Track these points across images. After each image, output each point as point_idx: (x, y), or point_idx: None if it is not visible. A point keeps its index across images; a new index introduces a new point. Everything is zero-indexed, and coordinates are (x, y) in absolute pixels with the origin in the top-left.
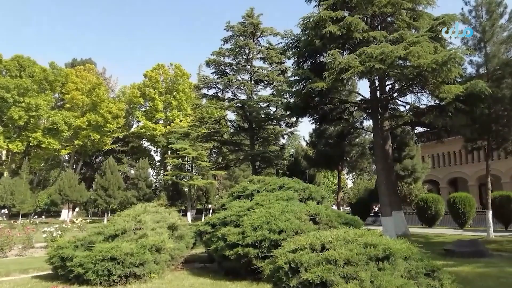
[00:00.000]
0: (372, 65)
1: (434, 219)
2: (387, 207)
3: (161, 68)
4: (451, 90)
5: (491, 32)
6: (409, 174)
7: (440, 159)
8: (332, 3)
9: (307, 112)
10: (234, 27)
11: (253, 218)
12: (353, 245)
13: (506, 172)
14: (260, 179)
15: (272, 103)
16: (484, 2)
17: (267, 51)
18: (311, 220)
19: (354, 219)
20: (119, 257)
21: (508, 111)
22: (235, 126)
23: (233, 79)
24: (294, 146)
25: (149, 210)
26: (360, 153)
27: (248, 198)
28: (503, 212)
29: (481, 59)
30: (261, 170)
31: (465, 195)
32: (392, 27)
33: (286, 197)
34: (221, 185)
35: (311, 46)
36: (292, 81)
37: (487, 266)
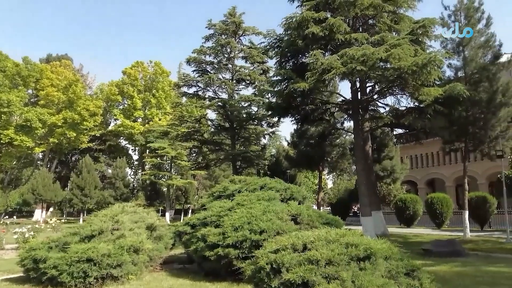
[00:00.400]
0: (353, 66)
1: (412, 219)
2: (367, 207)
3: (140, 66)
4: (430, 93)
5: (470, 37)
6: (388, 175)
7: (419, 160)
8: (315, 4)
9: (289, 112)
10: (216, 25)
11: (234, 219)
12: (334, 245)
13: (482, 174)
14: (241, 179)
15: (253, 102)
16: (463, 8)
17: (249, 50)
18: (292, 220)
19: (335, 219)
20: (95, 258)
21: (485, 114)
22: (215, 126)
23: (214, 78)
24: (275, 146)
25: (127, 210)
26: (341, 154)
27: (229, 198)
28: (479, 212)
29: (460, 62)
30: (241, 170)
31: (443, 196)
32: (373, 30)
33: (268, 197)
34: (200, 185)
35: (293, 47)
36: (274, 81)
37: (464, 265)
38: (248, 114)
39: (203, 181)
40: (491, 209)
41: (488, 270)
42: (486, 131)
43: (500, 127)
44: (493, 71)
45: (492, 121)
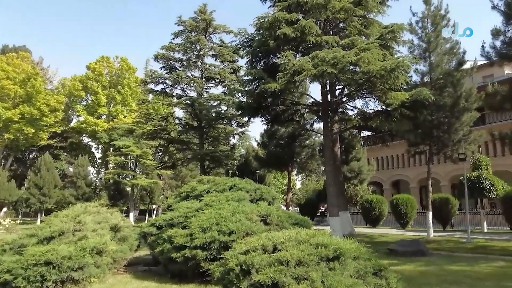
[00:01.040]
0: (324, 69)
1: (378, 220)
2: (335, 207)
3: (105, 61)
4: (397, 97)
5: (436, 43)
6: (355, 176)
7: (384, 162)
8: (287, 5)
9: (260, 112)
10: (186, 22)
11: (202, 220)
12: (304, 245)
13: (445, 176)
14: (210, 179)
15: (223, 101)
16: (430, 15)
17: (219, 48)
18: (262, 221)
19: (304, 220)
20: (55, 261)
21: (449, 118)
22: (183, 124)
23: (183, 75)
24: (244, 146)
25: (90, 211)
26: (310, 155)
27: (197, 198)
28: (442, 213)
29: (426, 68)
30: (209, 170)
31: (407, 197)
32: (344, 33)
33: (237, 197)
34: (166, 185)
35: (265, 47)
36: (245, 81)
37: (428, 264)
38: (217, 113)
39: (169, 181)
40: (453, 210)
41: (451, 269)
42: (450, 134)
43: (463, 131)
44: (457, 77)
45: (456, 125)
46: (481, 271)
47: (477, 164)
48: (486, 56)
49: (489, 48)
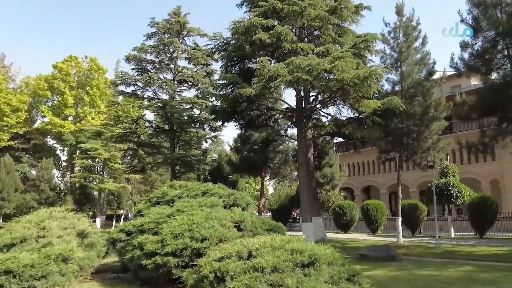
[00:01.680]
0: (299, 75)
1: (349, 225)
2: (308, 213)
3: (73, 60)
4: (369, 104)
5: (407, 53)
6: (327, 182)
7: (356, 168)
8: (263, 11)
9: (234, 117)
10: (159, 24)
11: (174, 226)
12: (280, 251)
13: (414, 182)
14: (181, 184)
15: (196, 105)
16: (401, 25)
17: (193, 51)
18: (235, 227)
19: (278, 226)
20: (15, 270)
21: (418, 127)
22: (154, 127)
23: (155, 77)
24: (217, 151)
25: (55, 216)
26: (283, 160)
27: (169, 204)
28: (411, 219)
29: (397, 77)
30: (180, 175)
31: (377, 203)
32: (319, 41)
33: (210, 203)
34: (135, 189)
35: (240, 51)
36: (219, 85)
37: (398, 269)
38: (189, 117)
39: (138, 185)
40: (422, 216)
41: (420, 274)
42: (419, 142)
43: (432, 139)
44: (427, 87)
45: (425, 134)
46: (449, 275)
47: (445, 171)
48: (455, 68)
49: (458, 59)
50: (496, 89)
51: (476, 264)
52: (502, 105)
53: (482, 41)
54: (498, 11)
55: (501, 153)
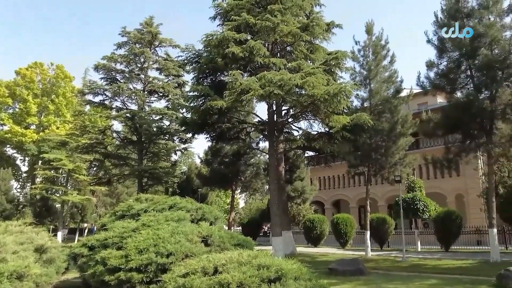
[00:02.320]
0: (271, 90)
1: (319, 239)
2: (278, 227)
3: (39, 67)
4: (339, 120)
5: (376, 71)
6: (298, 195)
7: (327, 182)
8: (236, 25)
9: (204, 129)
10: (131, 33)
11: (139, 240)
12: (246, 267)
13: (382, 196)
14: (148, 198)
15: (166, 116)
16: (371, 44)
17: (164, 62)
18: (203, 242)
19: (247, 240)
20: None
21: (386, 142)
22: (122, 138)
23: (124, 87)
24: (187, 163)
25: (11, 230)
26: (255, 173)
27: (134, 218)
28: (379, 232)
29: (366, 94)
30: (148, 188)
31: (347, 216)
32: (291, 56)
33: (177, 217)
34: (100, 202)
35: (212, 64)
36: (190, 96)
37: (366, 283)
38: (159, 128)
39: (104, 198)
40: (390, 229)
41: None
42: (387, 157)
43: (399, 155)
44: (394, 104)
45: (392, 149)
46: None
47: (411, 186)
48: (421, 86)
49: (424, 78)
50: (460, 107)
51: (441, 278)
52: (466, 123)
53: (447, 61)
54: None
55: (465, 169)
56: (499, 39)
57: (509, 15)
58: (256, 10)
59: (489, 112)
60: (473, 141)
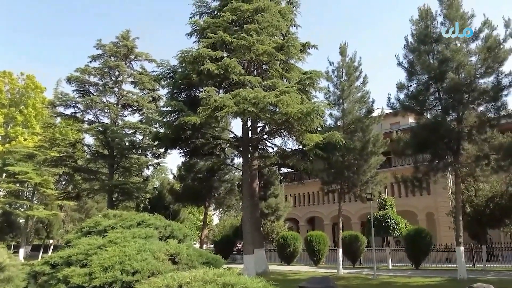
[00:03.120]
0: (245, 107)
1: (293, 257)
2: (250, 244)
3: (7, 77)
4: (312, 138)
5: (349, 92)
6: (272, 212)
7: (301, 199)
8: (213, 42)
9: (178, 144)
10: (106, 47)
11: (104, 258)
12: (211, 285)
13: (356, 214)
14: (116, 214)
15: (139, 130)
16: (344, 65)
17: (139, 76)
18: (170, 260)
19: (216, 258)
20: None
21: (358, 160)
22: (93, 152)
23: (97, 100)
24: (159, 178)
25: None
26: (229, 190)
27: (101, 234)
28: (351, 250)
29: (339, 113)
30: (118, 203)
31: (320, 234)
32: (266, 75)
33: (145, 234)
34: (68, 217)
35: (187, 80)
36: (164, 111)
37: None
38: (131, 142)
39: (72, 213)
40: (362, 247)
41: None
42: (359, 175)
43: (370, 173)
44: (366, 123)
45: (364, 167)
46: None
47: (383, 204)
48: (391, 107)
49: (394, 99)
50: (428, 128)
51: None
52: (434, 143)
53: (417, 83)
54: (431, 57)
55: (436, 187)
56: (465, 64)
57: (474, 41)
58: (232, 28)
59: (456, 133)
60: (441, 161)
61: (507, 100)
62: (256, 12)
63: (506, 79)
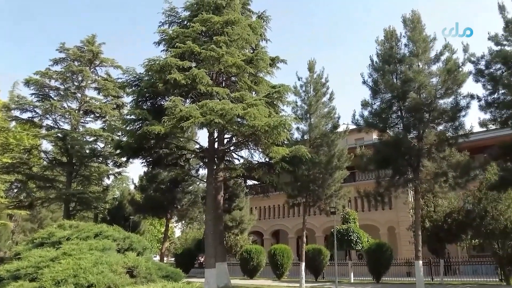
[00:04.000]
0: (212, 118)
1: (256, 270)
2: (212, 258)
3: None
4: (279, 151)
5: (316, 107)
6: (236, 225)
7: (267, 212)
8: (181, 52)
9: (140, 153)
10: (70, 50)
11: (57, 271)
12: None
13: (320, 227)
14: (73, 224)
15: (101, 138)
16: (312, 81)
17: (104, 82)
18: (128, 273)
19: (176, 272)
20: None
21: (323, 174)
22: (50, 159)
23: (57, 105)
24: (120, 188)
25: None
26: (192, 201)
27: (54, 246)
28: (315, 263)
29: (306, 127)
30: (75, 213)
31: (284, 247)
32: (235, 87)
33: (102, 246)
34: (18, 227)
35: (153, 88)
36: (128, 120)
37: None
38: (92, 150)
39: (23, 223)
40: (325, 260)
41: None
42: (324, 189)
43: (335, 187)
44: (332, 138)
45: (329, 181)
46: None
47: (346, 218)
48: (356, 123)
49: (359, 116)
50: (390, 145)
51: None
52: (395, 159)
53: (380, 101)
54: (394, 77)
55: (397, 202)
56: (426, 85)
57: (435, 63)
58: (202, 39)
59: (416, 151)
60: (402, 177)
61: (464, 121)
62: (226, 24)
63: (464, 100)
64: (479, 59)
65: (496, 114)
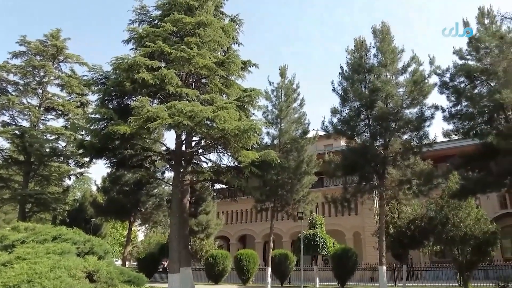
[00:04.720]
0: (180, 120)
1: (221, 275)
2: (176, 263)
3: None
4: (248, 155)
5: (286, 112)
6: (202, 230)
7: (234, 216)
8: (150, 51)
9: (104, 154)
10: (31, 44)
11: (9, 276)
12: None
13: (287, 232)
14: (28, 227)
15: (63, 137)
16: (283, 86)
17: (68, 78)
18: (88, 278)
19: (138, 277)
20: None
21: (292, 180)
22: (5, 157)
23: (16, 101)
24: (82, 189)
25: None
26: (157, 205)
27: (7, 250)
28: (281, 268)
29: (276, 132)
30: (32, 215)
31: (251, 252)
32: (205, 89)
33: (61, 250)
34: None
35: (120, 87)
36: (92, 119)
37: None
38: (53, 149)
39: None
40: (291, 265)
41: None
42: (292, 194)
43: (303, 192)
44: (301, 144)
45: (297, 186)
46: None
47: (313, 223)
48: (325, 130)
49: (328, 123)
50: (357, 152)
51: None
52: (361, 166)
53: (349, 109)
54: (363, 86)
55: (363, 208)
56: (393, 95)
57: (403, 74)
58: (172, 39)
59: (382, 158)
60: (368, 183)
61: (428, 130)
62: (198, 26)
63: (428, 111)
64: (444, 72)
65: (459, 125)
